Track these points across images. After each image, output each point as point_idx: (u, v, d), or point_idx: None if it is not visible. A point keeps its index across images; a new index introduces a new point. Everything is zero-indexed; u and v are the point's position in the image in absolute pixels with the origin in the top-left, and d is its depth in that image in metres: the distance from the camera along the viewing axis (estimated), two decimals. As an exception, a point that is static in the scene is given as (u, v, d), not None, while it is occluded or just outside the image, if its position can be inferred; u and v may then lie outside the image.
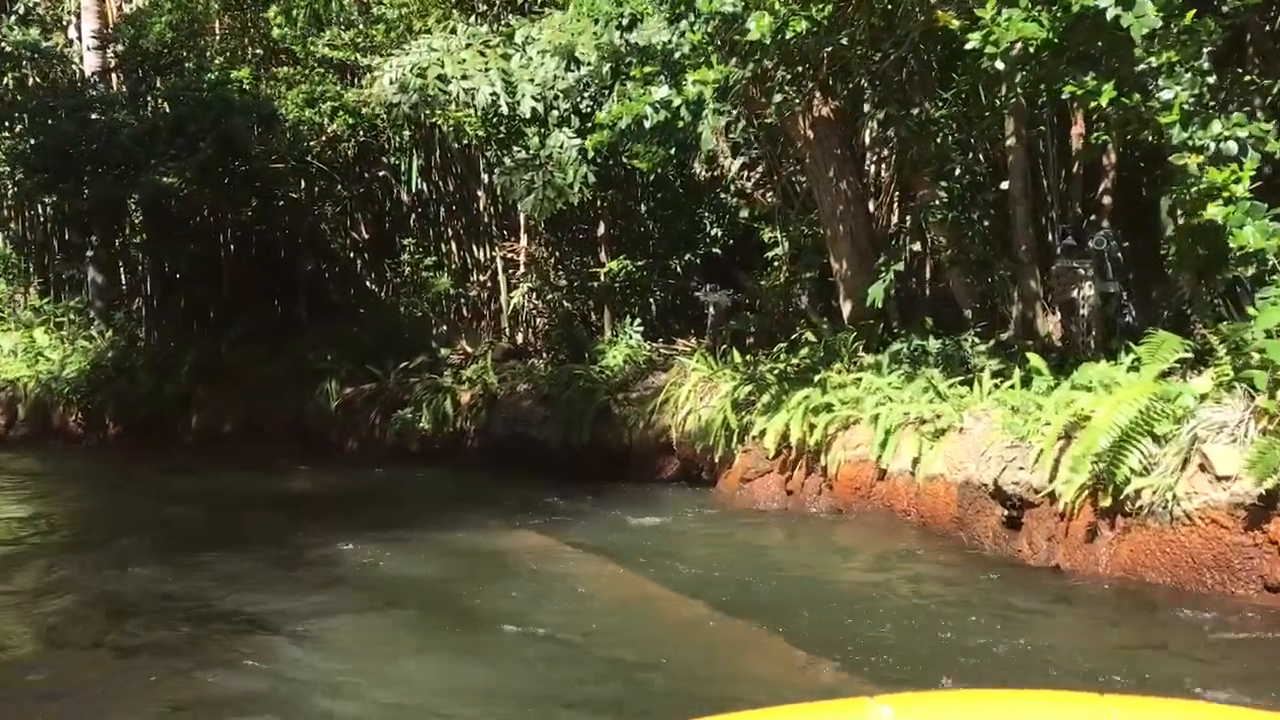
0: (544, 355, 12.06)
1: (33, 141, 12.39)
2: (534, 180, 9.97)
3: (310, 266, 14.38)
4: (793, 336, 9.35)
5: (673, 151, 8.19)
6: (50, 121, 12.07)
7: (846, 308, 9.50)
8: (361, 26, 12.70)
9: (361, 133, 12.45)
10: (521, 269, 13.23)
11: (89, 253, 14.58)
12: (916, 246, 8.71)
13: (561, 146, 9.88)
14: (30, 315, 15.13)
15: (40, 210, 15.69)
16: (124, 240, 14.10)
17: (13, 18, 14.48)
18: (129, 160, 11.80)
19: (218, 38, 13.44)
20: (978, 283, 8.21)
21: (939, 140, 7.85)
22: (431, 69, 9.46)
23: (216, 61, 12.52)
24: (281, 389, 12.86)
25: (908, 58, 7.65)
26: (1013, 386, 6.91)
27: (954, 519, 6.66)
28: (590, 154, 9.82)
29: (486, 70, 9.62)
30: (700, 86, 6.34)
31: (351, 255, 14.64)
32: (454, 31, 10.18)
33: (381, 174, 14.12)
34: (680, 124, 7.72)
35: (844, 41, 6.78)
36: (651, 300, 11.26)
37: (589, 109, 9.80)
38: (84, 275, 15.07)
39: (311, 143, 12.29)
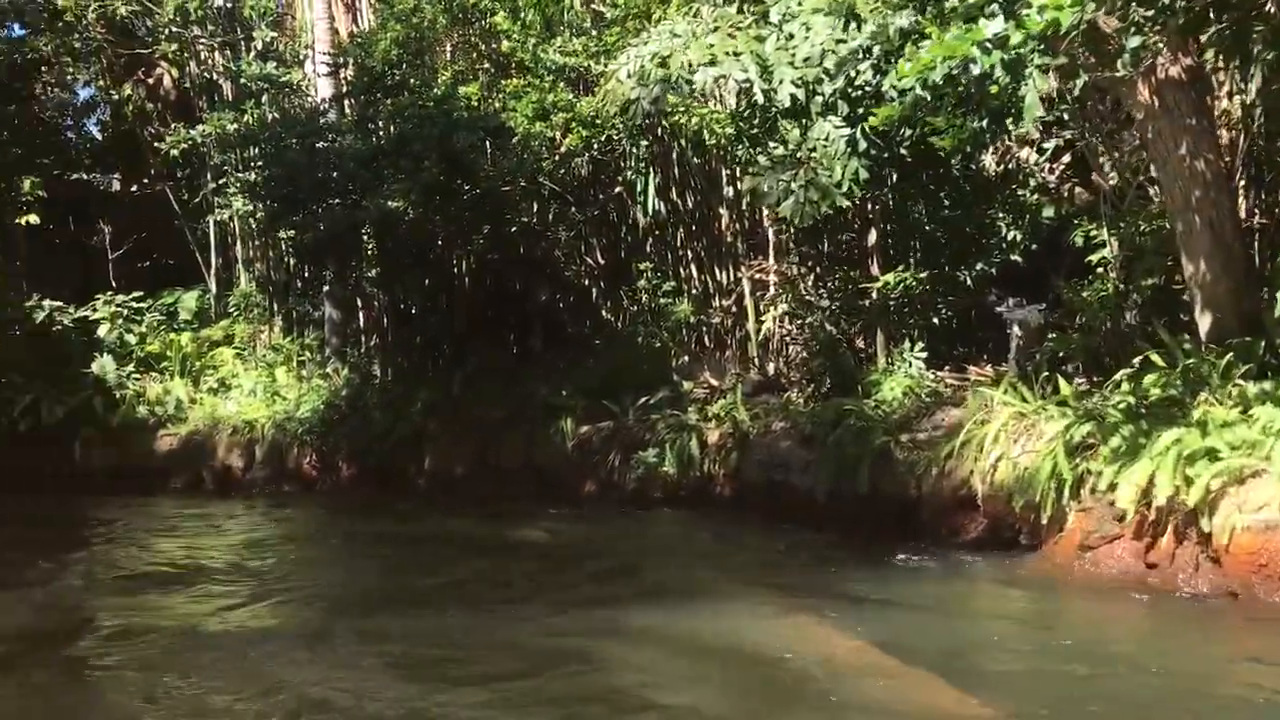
0: (802, 388, 10.44)
1: (264, 173, 12.00)
2: (793, 181, 8.44)
3: (544, 296, 13.38)
4: (1135, 360, 7.30)
5: (985, 124, 6.47)
6: (281, 151, 11.62)
7: (1205, 321, 7.38)
8: (595, 33, 11.62)
9: (596, 146, 11.28)
10: (771, 290, 11.72)
11: (325, 288, 14.16)
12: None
13: (827, 138, 8.31)
14: (270, 354, 14.86)
15: (283, 247, 15.51)
16: (359, 274, 13.57)
17: (251, 54, 14.41)
18: (356, 186, 11.14)
19: (447, 56, 12.73)
20: None
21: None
22: (675, 56, 8.10)
23: (443, 77, 11.72)
24: (515, 427, 11.84)
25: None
26: None
27: None
28: (862, 145, 8.22)
29: (737, 55, 8.17)
30: (1054, 13, 4.59)
31: (586, 283, 13.54)
32: (697, 15, 8.81)
33: (617, 191, 12.97)
34: (994, 88, 6.00)
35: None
36: (935, 320, 9.42)
37: (859, 92, 8.18)
38: (321, 311, 14.69)
39: (544, 161, 11.23)
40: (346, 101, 13.11)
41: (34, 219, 15.47)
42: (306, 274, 15.29)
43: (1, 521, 11.19)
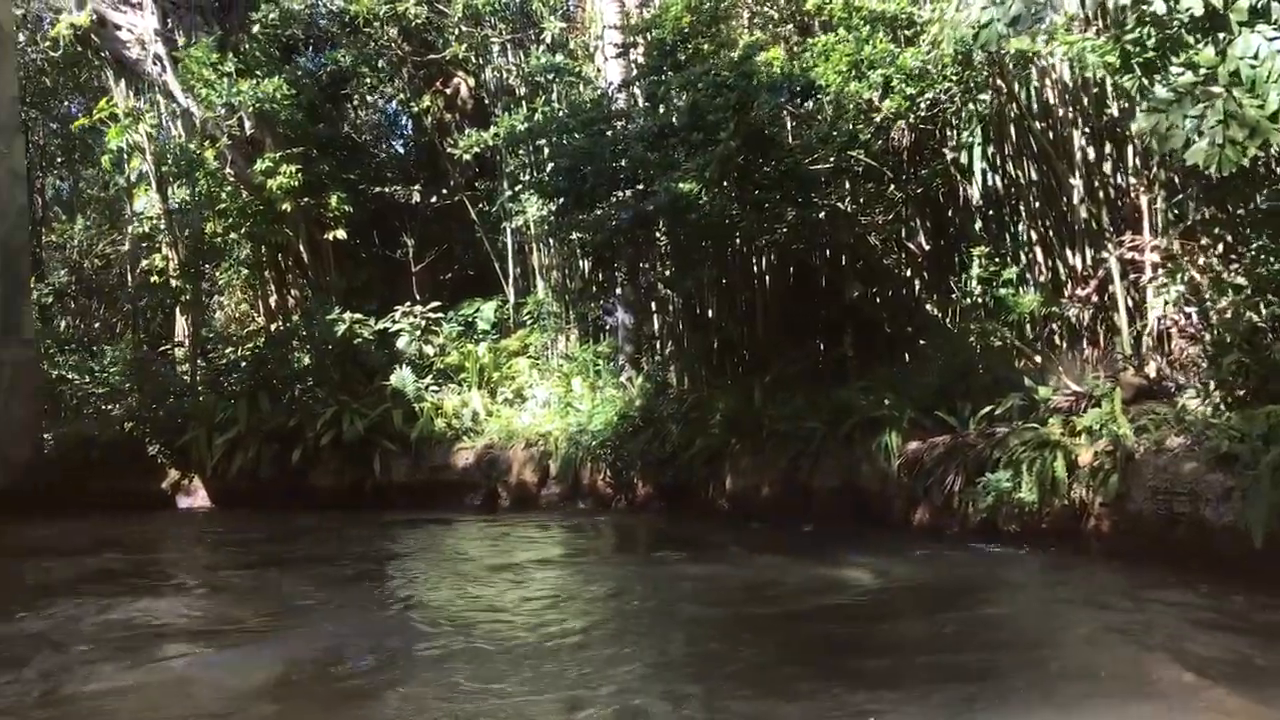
0: (1204, 392, 8.13)
1: (550, 167, 11.11)
2: (1206, 116, 6.31)
3: (857, 292, 11.65)
4: None
5: None
6: (565, 141, 10.68)
7: None
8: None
9: (923, 107, 9.46)
10: (1149, 273, 9.42)
11: (617, 291, 13.17)
12: None
13: (1256, 57, 6.15)
14: (565, 363, 14.07)
15: (576, 251, 14.74)
16: (650, 274, 12.45)
17: (541, 47, 13.73)
18: (644, 172, 9.96)
19: (744, 24, 11.36)
20: None
21: None
22: (1038, -37, 6.24)
23: (744, 40, 10.30)
24: (828, 442, 10.23)
25: None
26: None
27: None
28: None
29: (1125, -48, 6.20)
30: None
31: (908, 273, 11.69)
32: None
33: (942, 165, 11.04)
34: None
35: None
36: None
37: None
38: (614, 317, 13.74)
39: (859, 129, 9.54)
40: (636, 86, 12.01)
41: (341, 234, 15.59)
42: (600, 278, 14.43)
43: (305, 535, 10.95)
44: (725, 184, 9.51)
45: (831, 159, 9.79)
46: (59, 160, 20.88)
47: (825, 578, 7.49)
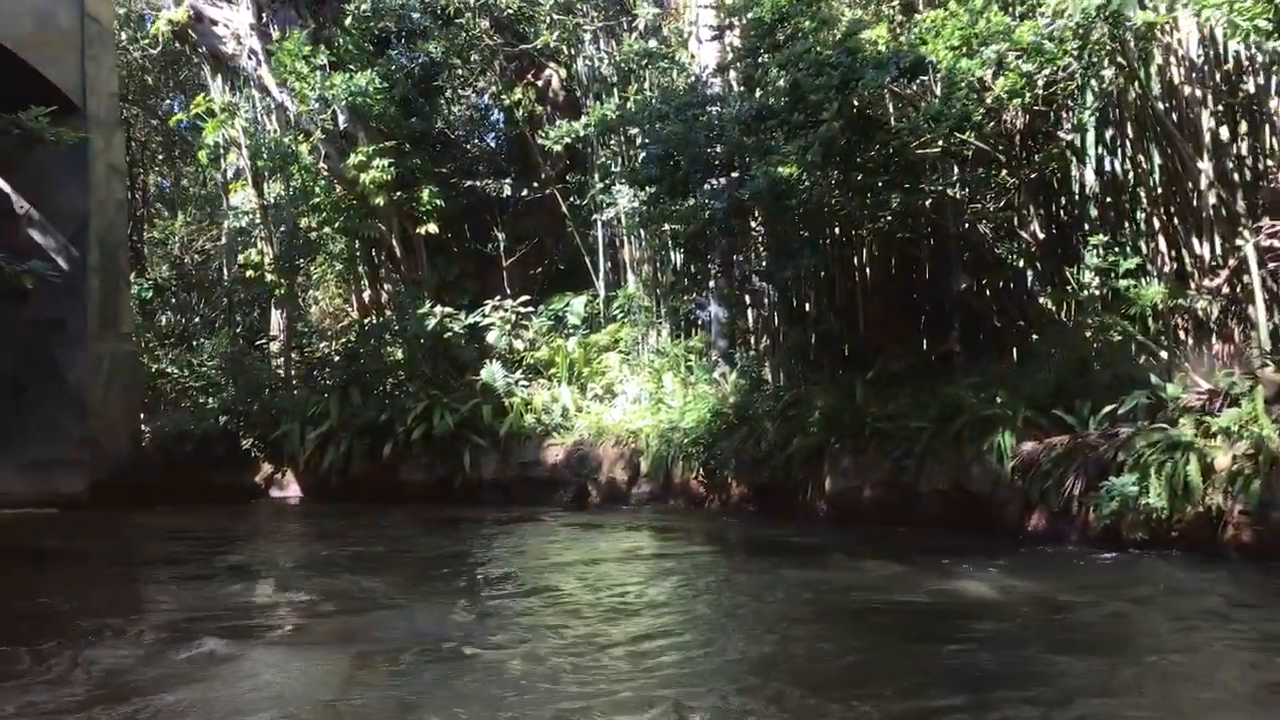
0: (1358, 391, 7.42)
1: (641, 156, 10.76)
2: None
3: (965, 284, 11.06)
4: None
5: None
6: (658, 128, 10.31)
7: None
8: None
9: (1040, 84, 8.85)
10: (1292, 260, 8.69)
11: (710, 284, 12.76)
12: None
13: None
14: (656, 358, 13.73)
15: (668, 244, 14.38)
16: (745, 266, 12.01)
17: (634, 34, 13.40)
18: (740, 157, 9.53)
19: (846, 1, 10.85)
20: None
21: None
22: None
23: (846, 17, 9.80)
24: (935, 443, 9.69)
25: None
26: None
27: None
28: None
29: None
30: None
31: (1019, 264, 11.05)
32: None
33: (1057, 150, 10.39)
34: None
35: None
36: None
37: None
38: (706, 311, 13.34)
39: (971, 109, 8.96)
40: (731, 70, 11.59)
41: (433, 228, 15.50)
42: (692, 270, 14.05)
43: (393, 530, 10.82)
44: (827, 168, 9.03)
45: (940, 142, 9.23)
46: (159, 157, 21.32)
47: (937, 585, 6.98)
